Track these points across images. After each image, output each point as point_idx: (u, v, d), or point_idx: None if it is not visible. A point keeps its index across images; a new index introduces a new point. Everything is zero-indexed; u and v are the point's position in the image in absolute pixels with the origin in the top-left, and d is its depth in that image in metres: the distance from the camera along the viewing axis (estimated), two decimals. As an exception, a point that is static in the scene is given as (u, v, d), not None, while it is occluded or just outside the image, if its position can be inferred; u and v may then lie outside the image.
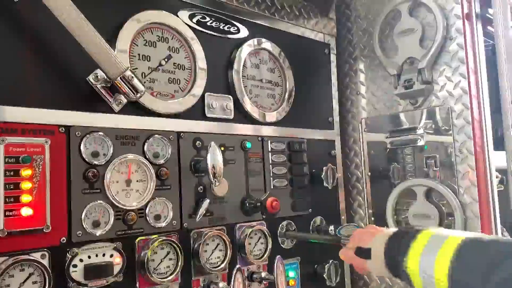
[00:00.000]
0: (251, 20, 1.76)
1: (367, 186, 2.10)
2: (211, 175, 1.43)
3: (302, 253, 1.81)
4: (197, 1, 1.59)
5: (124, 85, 1.20)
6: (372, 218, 2.06)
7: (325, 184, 1.89)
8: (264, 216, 1.66)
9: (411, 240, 1.09)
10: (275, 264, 1.52)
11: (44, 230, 1.15)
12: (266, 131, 1.75)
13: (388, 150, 2.01)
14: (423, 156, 1.88)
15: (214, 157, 1.44)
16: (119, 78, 1.19)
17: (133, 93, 1.22)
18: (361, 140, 2.12)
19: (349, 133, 2.17)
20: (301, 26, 1.96)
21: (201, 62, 1.54)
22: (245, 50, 1.70)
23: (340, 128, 2.13)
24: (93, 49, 1.15)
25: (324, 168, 1.90)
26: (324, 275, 1.84)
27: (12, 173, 1.10)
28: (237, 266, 1.44)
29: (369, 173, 2.08)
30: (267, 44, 1.79)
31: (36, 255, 1.13)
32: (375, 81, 2.08)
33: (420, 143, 1.89)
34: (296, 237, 1.75)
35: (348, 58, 2.19)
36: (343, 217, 2.05)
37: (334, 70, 2.12)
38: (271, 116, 1.77)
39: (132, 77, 1.20)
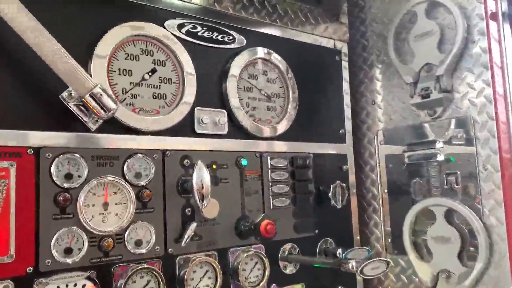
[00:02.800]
0: (249, 28, 1.64)
1: (384, 204, 1.92)
2: (197, 197, 1.32)
3: (307, 279, 1.67)
4: (188, 10, 1.50)
5: (93, 102, 1.11)
6: (389, 240, 1.88)
7: (333, 203, 1.74)
8: (258, 240, 1.53)
9: None
10: (270, 294, 1.39)
11: (6, 260, 1.07)
12: (265, 146, 1.63)
13: (405, 164, 1.83)
14: (443, 172, 1.69)
15: (200, 177, 1.33)
16: (87, 95, 1.11)
17: (104, 111, 1.13)
18: (377, 154, 1.96)
19: (364, 145, 2.01)
20: (307, 32, 1.83)
21: (190, 75, 1.45)
22: (241, 60, 1.58)
23: (354, 140, 1.97)
24: (58, 66, 1.08)
25: (332, 185, 1.74)
26: (331, 303, 1.69)
27: (-29, 200, 1.04)
28: (221, 298, 1.32)
29: (386, 190, 1.91)
30: (266, 53, 1.67)
31: (-2, 287, 1.06)
32: (392, 89, 1.91)
33: (440, 158, 1.70)
34: (296, 260, 1.61)
35: (362, 65, 2.03)
36: (357, 238, 1.89)
37: (346, 77, 1.96)
38: (271, 130, 1.64)
39: (101, 94, 1.11)
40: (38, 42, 1.05)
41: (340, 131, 1.90)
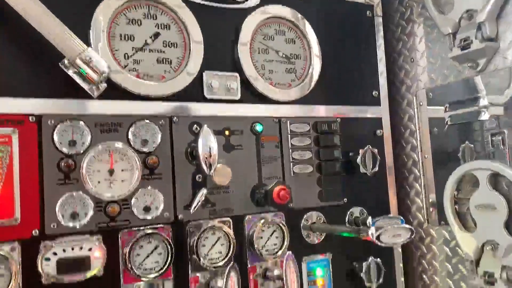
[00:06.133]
0: (264, -15, 1.55)
1: (426, 171, 1.75)
2: (204, 164, 1.29)
3: (334, 249, 1.58)
4: (195, -30, 1.44)
5: (85, 66, 1.11)
6: (431, 209, 1.72)
7: (362, 170, 1.61)
8: (272, 207, 1.46)
9: None
10: (284, 262, 1.33)
11: (13, 223, 1.12)
12: (284, 111, 1.54)
13: (447, 127, 1.64)
14: (488, 132, 1.50)
15: (207, 143, 1.30)
16: (77, 59, 1.10)
17: (96, 74, 1.12)
18: (416, 117, 1.78)
19: (403, 109, 1.84)
20: (332, -14, 1.69)
21: (197, 37, 1.40)
22: (255, 20, 1.50)
23: (391, 103, 1.81)
24: (46, 31, 1.08)
25: (360, 151, 1.61)
26: (362, 275, 1.58)
27: (-25, 165, 1.09)
28: (231, 263, 1.28)
29: (426, 156, 1.74)
30: (283, 11, 1.56)
31: (6, 248, 1.10)
32: (432, 45, 1.71)
33: (484, 117, 1.50)
34: (318, 229, 1.52)
35: (400, 20, 1.85)
36: (394, 208, 1.75)
37: (380, 34, 1.80)
38: (291, 94, 1.55)
39: (91, 57, 1.10)
40: (25, 7, 1.05)
41: (374, 93, 1.75)
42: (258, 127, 1.47)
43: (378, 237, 1.21)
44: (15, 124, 1.14)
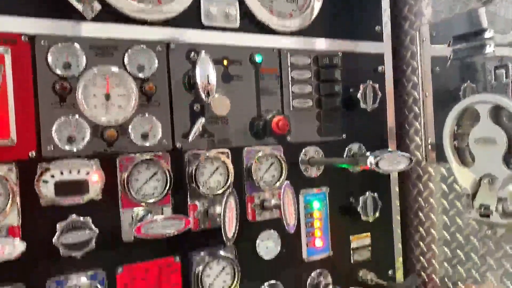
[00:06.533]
0: None
1: (426, 109, 1.74)
2: (201, 92, 1.27)
3: (331, 183, 1.59)
4: None
5: (77, -17, 1.06)
6: (430, 147, 1.72)
7: (362, 105, 1.59)
8: (269, 139, 1.45)
9: None
10: (282, 191, 1.33)
11: (9, 144, 1.11)
12: (285, 42, 1.50)
13: (450, 62, 1.61)
14: (491, 65, 1.47)
15: (204, 70, 1.27)
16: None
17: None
18: (419, 53, 1.74)
19: (406, 46, 1.80)
20: None
21: (194, -40, 1.34)
22: None
23: (394, 40, 1.77)
24: None
25: (361, 85, 1.59)
26: (358, 209, 1.60)
27: (-32, 83, 1.07)
28: (230, 189, 1.28)
29: (426, 94, 1.72)
30: None
31: (2, 169, 1.10)
32: (438, -24, 1.65)
33: (489, 50, 1.47)
34: (316, 162, 1.52)
35: (405, -49, 1.78)
36: (393, 145, 1.74)
37: (384, -34, 1.73)
38: (292, 24, 1.50)
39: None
40: None
41: (376, 28, 1.70)
42: (258, 58, 1.44)
43: (377, 164, 1.21)
44: (8, 43, 1.11)
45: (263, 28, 1.46)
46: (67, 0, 1.15)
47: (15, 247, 1.02)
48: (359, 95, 1.58)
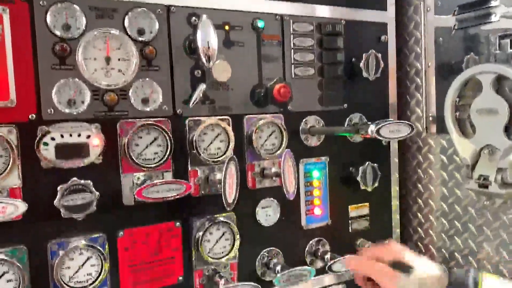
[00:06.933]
0: None
1: (427, 81, 1.73)
2: (203, 56, 1.25)
3: (332, 153, 1.59)
4: None
5: None
6: (430, 118, 1.71)
7: (364, 74, 1.58)
8: (270, 107, 1.44)
9: None
10: (282, 159, 1.33)
11: (9, 105, 1.10)
12: (287, 8, 1.47)
13: (454, 32, 1.59)
14: (496, 35, 1.45)
15: (206, 34, 1.25)
16: None
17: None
18: (423, 23, 1.72)
19: (410, 16, 1.77)
20: None
21: None
22: None
23: (398, 9, 1.74)
24: None
25: (364, 54, 1.57)
26: (357, 178, 1.60)
27: (-35, 43, 1.05)
28: (230, 155, 1.28)
29: (429, 65, 1.70)
30: None
31: (2, 130, 1.09)
32: None
33: (494, 18, 1.45)
34: (316, 132, 1.52)
35: None
36: (393, 117, 1.74)
37: None
38: (294, -10, 1.48)
39: None
40: None
41: (380, -3, 1.68)
42: (260, 23, 1.42)
43: (378, 131, 1.21)
44: (5, 2, 1.08)
45: (265, -6, 1.43)
46: (65, -42, 1.12)
47: (17, 207, 1.02)
48: (361, 64, 1.57)
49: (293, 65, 1.49)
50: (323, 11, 1.54)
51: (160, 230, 1.29)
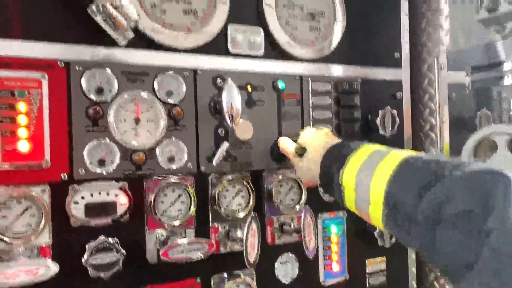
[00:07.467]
0: None
1: (442, 136, 1.77)
2: (227, 116, 1.30)
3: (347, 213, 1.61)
4: None
5: (114, 11, 1.11)
6: (445, 173, 1.74)
7: (381, 132, 1.62)
8: (289, 162, 1.48)
9: (350, 153, 1.05)
10: (302, 215, 1.36)
11: (43, 166, 1.15)
12: (306, 69, 1.54)
13: (468, 91, 1.65)
14: (508, 94, 1.50)
15: (230, 96, 1.31)
16: (108, 4, 1.10)
17: (126, 20, 1.12)
18: (437, 81, 1.78)
19: (424, 73, 1.83)
20: None
21: (223, -10, 1.38)
22: (280, -26, 1.48)
23: (412, 66, 1.80)
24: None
25: (380, 111, 1.62)
26: (375, 234, 1.62)
27: (7, 107, 1.11)
28: (252, 213, 1.31)
29: (444, 120, 1.75)
30: (309, -34, 1.54)
31: (37, 190, 1.14)
32: (457, 7, 1.69)
33: (507, 81, 1.50)
34: (335, 188, 1.54)
35: (425, -18, 1.82)
36: (409, 171, 1.76)
37: (405, -4, 1.77)
38: (314, 52, 1.54)
39: (121, 3, 1.10)
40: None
41: (395, 55, 1.74)
42: (280, 84, 1.48)
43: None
44: (45, 68, 1.15)
45: (285, 55, 1.50)
46: (101, 27, 1.19)
47: (48, 269, 1.05)
48: (378, 121, 1.61)
49: (311, 122, 1.54)
50: (340, 71, 1.60)
51: (182, 287, 1.31)
